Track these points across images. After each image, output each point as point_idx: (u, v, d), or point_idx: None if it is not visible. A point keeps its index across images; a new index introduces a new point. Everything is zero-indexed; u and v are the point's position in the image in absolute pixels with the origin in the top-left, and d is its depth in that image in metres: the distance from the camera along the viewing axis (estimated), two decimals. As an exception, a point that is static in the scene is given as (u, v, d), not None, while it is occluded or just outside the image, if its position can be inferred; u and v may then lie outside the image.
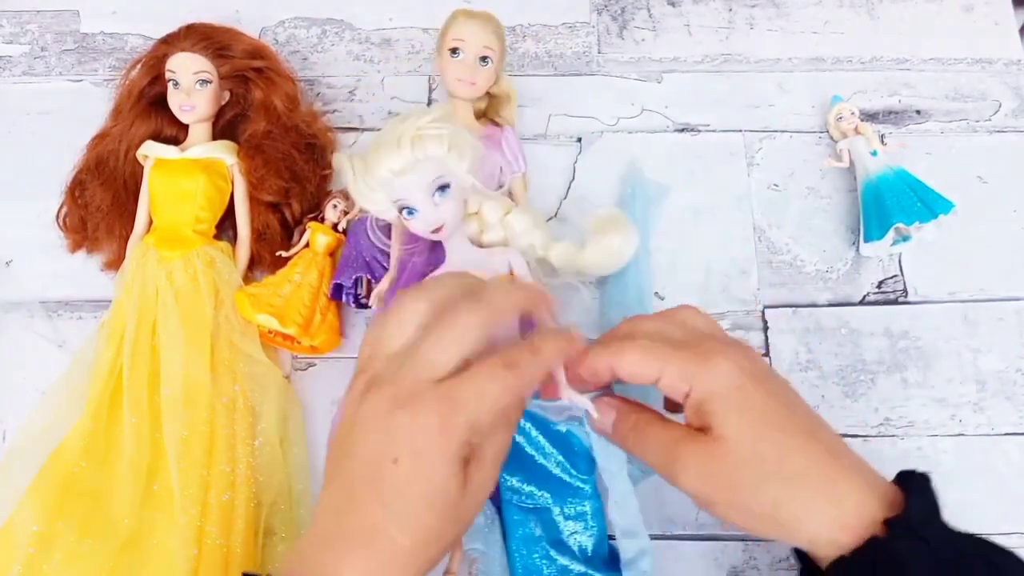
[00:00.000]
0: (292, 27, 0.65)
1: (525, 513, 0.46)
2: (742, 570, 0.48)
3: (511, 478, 0.46)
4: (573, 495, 0.47)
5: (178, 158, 0.54)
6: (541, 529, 0.46)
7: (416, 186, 0.43)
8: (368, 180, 0.44)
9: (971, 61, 0.63)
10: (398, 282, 0.50)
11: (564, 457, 0.46)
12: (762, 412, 0.34)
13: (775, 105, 0.62)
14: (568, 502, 0.46)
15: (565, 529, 0.46)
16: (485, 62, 0.53)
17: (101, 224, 0.55)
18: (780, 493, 0.33)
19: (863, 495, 0.33)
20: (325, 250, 0.54)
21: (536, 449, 0.47)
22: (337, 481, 0.35)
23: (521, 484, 0.46)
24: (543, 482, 0.46)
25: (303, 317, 0.50)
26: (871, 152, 0.57)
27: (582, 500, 0.46)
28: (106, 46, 0.64)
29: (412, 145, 0.43)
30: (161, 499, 0.47)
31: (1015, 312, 0.55)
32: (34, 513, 0.46)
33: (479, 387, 0.34)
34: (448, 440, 0.33)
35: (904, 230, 0.55)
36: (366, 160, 0.44)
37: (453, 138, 0.44)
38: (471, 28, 0.52)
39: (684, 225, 0.58)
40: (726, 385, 0.34)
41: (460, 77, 0.52)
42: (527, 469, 0.46)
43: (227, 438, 0.49)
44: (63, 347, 0.54)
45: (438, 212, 0.44)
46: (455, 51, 0.52)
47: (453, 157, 0.44)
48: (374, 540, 0.33)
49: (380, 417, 0.34)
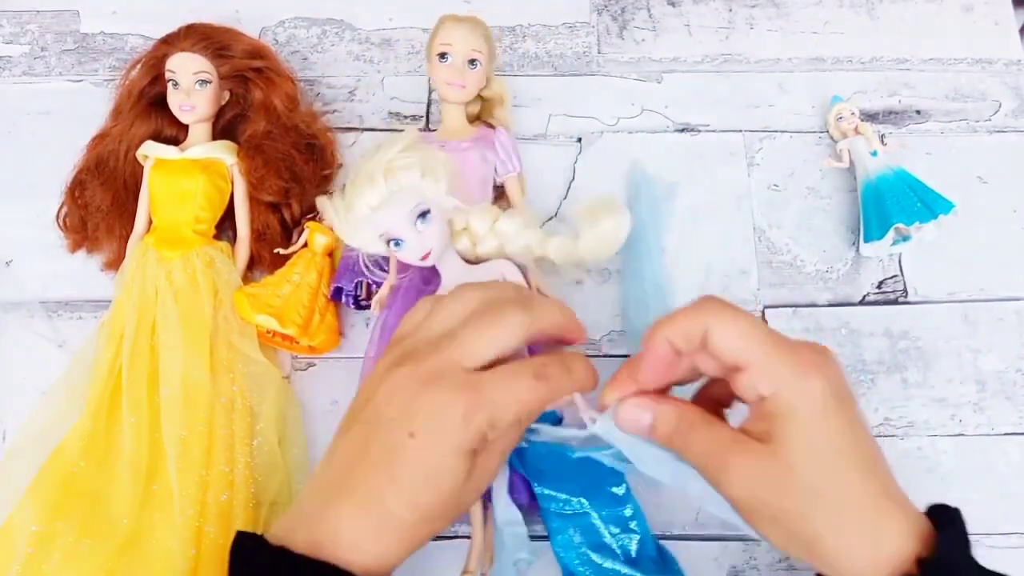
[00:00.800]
0: (292, 27, 0.65)
1: (564, 519, 0.46)
2: (742, 570, 0.48)
3: (543, 487, 0.46)
4: (610, 500, 0.46)
5: (178, 158, 0.54)
6: (580, 535, 0.46)
7: (397, 217, 0.44)
8: (350, 219, 0.45)
9: (971, 61, 0.63)
10: (399, 288, 0.51)
11: (590, 474, 0.46)
12: (835, 441, 0.33)
13: (775, 105, 0.62)
14: (606, 506, 0.46)
15: (606, 533, 0.46)
16: (474, 65, 0.53)
17: (101, 224, 0.55)
18: (828, 523, 0.32)
19: (903, 534, 0.32)
20: (324, 250, 0.54)
21: (563, 459, 0.46)
22: (349, 439, 0.36)
23: (555, 492, 0.46)
24: (577, 488, 0.46)
25: (302, 317, 0.50)
26: (871, 152, 0.57)
27: (620, 505, 0.46)
28: (106, 46, 0.64)
29: (385, 178, 0.44)
30: (160, 499, 0.47)
31: (1015, 312, 0.55)
32: (33, 513, 0.46)
33: (508, 387, 0.35)
34: (467, 428, 0.34)
35: (904, 230, 0.55)
36: (346, 199, 0.45)
37: (425, 163, 0.45)
38: (458, 32, 0.52)
39: (684, 225, 0.58)
40: (811, 407, 0.32)
41: (449, 81, 0.53)
42: (560, 478, 0.46)
43: (226, 438, 0.49)
44: (63, 347, 0.54)
45: (422, 239, 0.45)
46: (443, 55, 0.53)
47: (428, 182, 0.45)
48: (376, 506, 0.34)
49: (406, 389, 0.35)
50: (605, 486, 0.46)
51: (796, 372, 0.33)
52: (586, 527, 0.46)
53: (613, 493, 0.46)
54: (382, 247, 0.46)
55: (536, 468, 0.46)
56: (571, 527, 0.46)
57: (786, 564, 0.49)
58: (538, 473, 0.46)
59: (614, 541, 0.46)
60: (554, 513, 0.46)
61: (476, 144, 0.54)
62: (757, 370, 0.33)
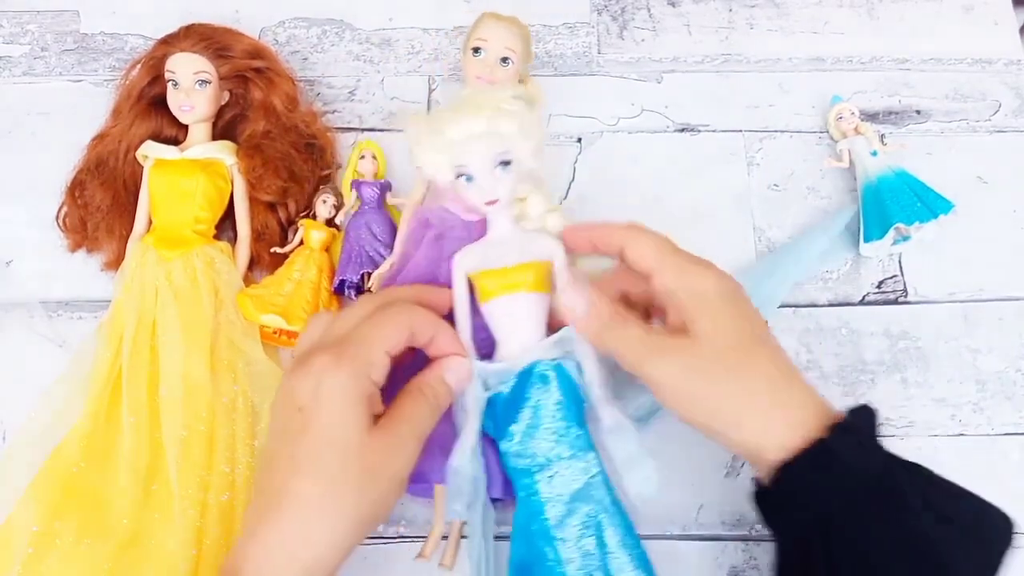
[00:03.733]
0: (292, 27, 0.65)
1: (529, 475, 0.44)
2: (742, 570, 0.48)
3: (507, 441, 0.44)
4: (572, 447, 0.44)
5: (178, 158, 0.54)
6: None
7: (482, 155, 0.44)
8: (435, 141, 0.44)
9: (971, 61, 0.63)
10: (400, 271, 0.51)
11: (557, 406, 0.44)
12: (739, 321, 0.39)
13: (775, 105, 0.62)
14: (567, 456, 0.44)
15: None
16: (506, 63, 0.54)
17: (101, 224, 0.55)
18: (744, 389, 0.37)
19: (814, 404, 0.37)
20: (321, 245, 0.54)
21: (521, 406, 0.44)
22: (263, 453, 0.40)
23: (520, 446, 0.44)
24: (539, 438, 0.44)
25: (308, 313, 0.51)
26: (871, 152, 0.57)
27: (581, 452, 0.44)
28: (106, 46, 0.64)
29: (489, 116, 0.44)
30: (160, 499, 0.47)
31: (1015, 312, 0.55)
32: (33, 513, 0.46)
33: (369, 327, 0.38)
34: (342, 375, 0.35)
35: (904, 230, 0.55)
36: (438, 121, 0.45)
37: (526, 120, 0.45)
38: (495, 29, 0.53)
39: (684, 225, 0.57)
40: (714, 292, 0.39)
41: (479, 75, 0.53)
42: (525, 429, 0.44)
43: (227, 438, 0.49)
44: (63, 347, 0.54)
45: (495, 185, 0.45)
46: (477, 50, 0.53)
47: (522, 137, 0.45)
48: (282, 495, 0.35)
49: (287, 376, 0.37)
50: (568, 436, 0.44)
51: (698, 266, 0.40)
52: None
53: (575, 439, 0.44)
54: (448, 177, 0.45)
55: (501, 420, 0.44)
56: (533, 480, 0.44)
57: (786, 564, 0.49)
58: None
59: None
60: (518, 470, 0.44)
61: None
62: (666, 270, 0.40)
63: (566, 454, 0.43)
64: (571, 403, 0.44)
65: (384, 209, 0.56)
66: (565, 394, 0.44)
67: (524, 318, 0.45)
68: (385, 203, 0.56)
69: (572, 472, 0.43)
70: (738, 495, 0.49)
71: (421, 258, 0.50)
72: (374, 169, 0.57)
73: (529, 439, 0.44)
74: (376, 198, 0.55)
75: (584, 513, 0.43)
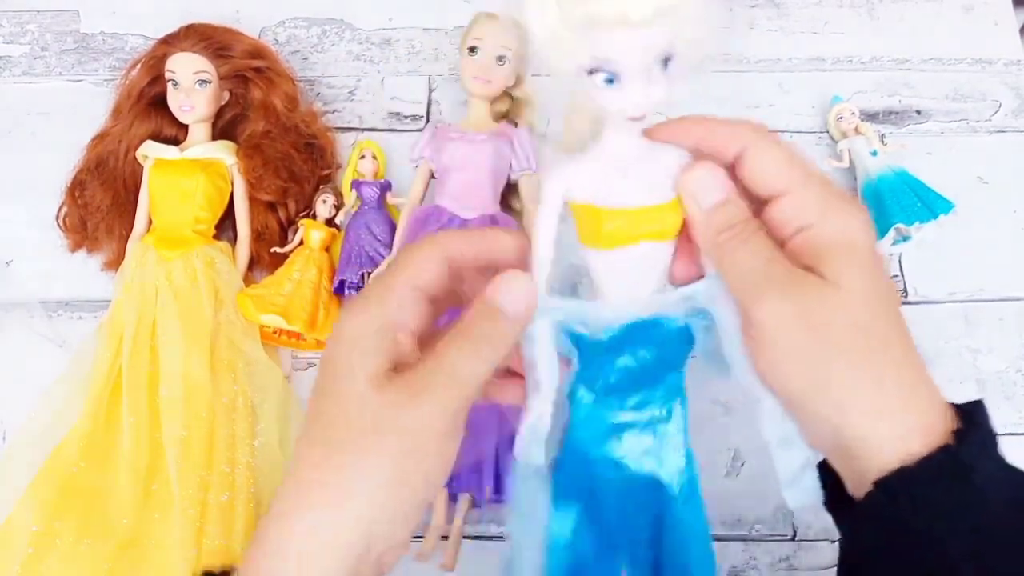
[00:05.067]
0: (292, 27, 0.65)
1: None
2: (742, 570, 0.48)
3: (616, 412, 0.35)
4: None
5: (178, 158, 0.54)
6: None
7: (638, 48, 0.29)
8: (572, 18, 0.29)
9: (971, 61, 0.63)
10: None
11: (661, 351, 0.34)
12: (888, 286, 0.29)
13: (775, 105, 0.62)
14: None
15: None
16: (502, 62, 0.54)
17: (101, 224, 0.55)
18: (873, 367, 0.28)
19: (940, 403, 0.29)
20: (321, 245, 0.54)
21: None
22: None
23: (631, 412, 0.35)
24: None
25: (307, 313, 0.51)
26: (871, 152, 0.57)
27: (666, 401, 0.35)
28: (106, 46, 0.64)
29: None
30: (160, 499, 0.47)
31: (1015, 312, 0.55)
32: (33, 513, 0.46)
33: (398, 262, 0.30)
34: (352, 319, 0.29)
35: (904, 230, 0.55)
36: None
37: (710, 11, 0.30)
38: (490, 28, 0.54)
39: (684, 225, 0.57)
40: (864, 240, 0.29)
41: (475, 75, 0.54)
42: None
43: (227, 438, 0.49)
44: (63, 347, 0.54)
45: (648, 92, 0.30)
46: (473, 49, 0.54)
47: (697, 31, 0.30)
48: (296, 469, 0.29)
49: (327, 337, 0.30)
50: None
51: (845, 202, 0.29)
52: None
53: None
54: (575, 72, 0.30)
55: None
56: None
57: (786, 564, 0.49)
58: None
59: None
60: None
61: (492, 138, 0.54)
62: (801, 196, 0.30)
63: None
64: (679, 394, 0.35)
65: (384, 209, 0.56)
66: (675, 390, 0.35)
67: (646, 269, 0.33)
68: (385, 203, 0.56)
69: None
70: (738, 495, 0.49)
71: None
72: (374, 169, 0.57)
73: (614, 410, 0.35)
74: (376, 198, 0.55)
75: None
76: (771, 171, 0.30)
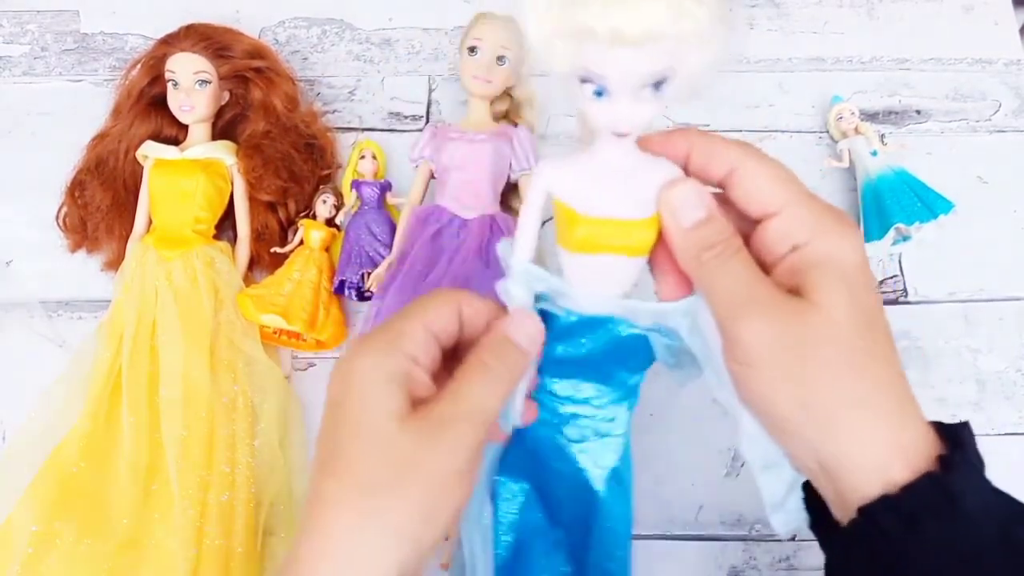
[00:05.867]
0: (292, 27, 0.65)
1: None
2: (742, 570, 0.48)
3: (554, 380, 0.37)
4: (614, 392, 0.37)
5: (178, 158, 0.54)
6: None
7: (628, 67, 0.28)
8: (563, 23, 0.28)
9: (971, 61, 0.63)
10: (398, 269, 0.51)
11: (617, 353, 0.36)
12: (875, 305, 0.29)
13: (775, 105, 0.62)
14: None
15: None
16: (502, 61, 0.54)
17: (101, 224, 0.55)
18: (856, 389, 0.28)
19: (924, 426, 0.29)
20: (321, 245, 0.54)
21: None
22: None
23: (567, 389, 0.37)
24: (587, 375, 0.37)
25: (307, 313, 0.51)
26: (871, 152, 0.57)
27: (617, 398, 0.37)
28: (106, 46, 0.64)
29: (675, 10, 0.27)
30: (160, 499, 0.47)
31: (1015, 312, 0.55)
32: (33, 513, 0.46)
33: (408, 306, 0.31)
34: (369, 353, 0.29)
35: (904, 230, 0.55)
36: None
37: (714, 20, 0.28)
38: (489, 28, 0.54)
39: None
40: (854, 260, 0.29)
41: (475, 75, 0.54)
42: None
43: (227, 438, 0.49)
44: (63, 347, 0.54)
45: (633, 112, 0.30)
46: (473, 50, 0.54)
47: (700, 50, 0.28)
48: (312, 504, 0.29)
49: (331, 374, 0.31)
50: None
51: (837, 221, 0.29)
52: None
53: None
54: (566, 74, 0.30)
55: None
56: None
57: (786, 564, 0.49)
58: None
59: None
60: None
61: (492, 138, 0.54)
62: (792, 215, 0.29)
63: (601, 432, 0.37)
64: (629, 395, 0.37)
65: (384, 209, 0.56)
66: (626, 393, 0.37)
67: (605, 278, 0.34)
68: (385, 203, 0.56)
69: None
70: (738, 495, 0.49)
71: (417, 256, 0.50)
72: (374, 169, 0.57)
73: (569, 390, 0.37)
74: (376, 198, 0.55)
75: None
76: (764, 189, 0.30)
